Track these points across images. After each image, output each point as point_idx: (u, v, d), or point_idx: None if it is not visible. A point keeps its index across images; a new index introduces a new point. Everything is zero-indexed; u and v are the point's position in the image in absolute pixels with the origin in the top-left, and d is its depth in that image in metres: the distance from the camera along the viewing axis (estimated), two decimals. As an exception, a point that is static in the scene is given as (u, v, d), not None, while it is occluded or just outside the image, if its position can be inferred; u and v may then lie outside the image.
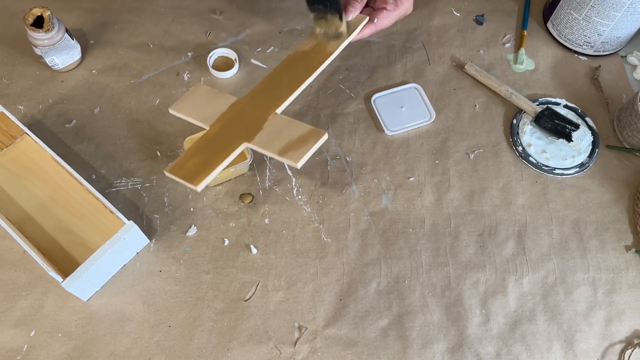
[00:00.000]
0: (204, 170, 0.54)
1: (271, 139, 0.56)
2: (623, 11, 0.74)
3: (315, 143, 0.55)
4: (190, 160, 0.55)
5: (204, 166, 0.54)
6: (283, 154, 0.54)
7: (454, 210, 0.69)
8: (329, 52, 0.62)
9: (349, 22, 0.63)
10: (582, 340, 0.62)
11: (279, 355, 0.60)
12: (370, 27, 0.65)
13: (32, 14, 0.70)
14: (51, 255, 0.63)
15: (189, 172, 0.54)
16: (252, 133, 0.56)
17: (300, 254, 0.66)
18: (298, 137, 0.55)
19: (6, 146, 0.69)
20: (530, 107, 0.76)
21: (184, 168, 0.54)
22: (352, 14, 0.63)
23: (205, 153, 0.55)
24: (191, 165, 0.55)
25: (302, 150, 0.54)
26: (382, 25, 0.65)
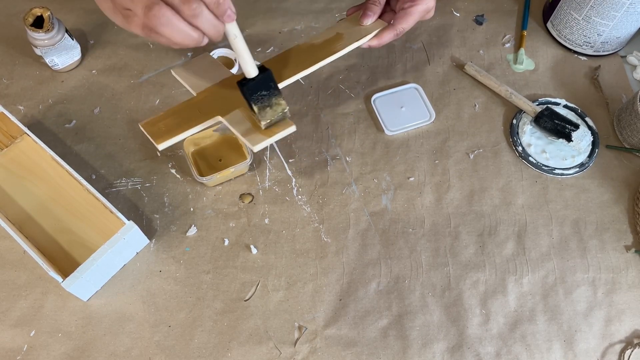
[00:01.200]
0: (170, 131, 0.54)
1: (243, 119, 0.55)
2: (623, 11, 0.74)
3: (280, 132, 0.54)
4: (164, 120, 0.55)
5: (173, 128, 0.54)
6: (246, 135, 0.54)
7: (454, 210, 0.69)
8: (336, 50, 0.60)
9: (366, 27, 0.61)
10: (582, 340, 0.62)
11: (279, 355, 0.60)
12: (388, 30, 0.61)
13: (32, 14, 0.70)
14: (51, 255, 0.63)
15: (158, 131, 0.54)
16: (230, 109, 0.56)
17: (300, 254, 0.66)
18: None
19: (6, 146, 0.69)
20: (530, 107, 0.76)
21: (155, 126, 0.55)
22: (369, 18, 0.61)
23: (180, 117, 0.55)
24: (163, 125, 0.55)
25: (264, 135, 0.54)
26: (403, 26, 0.61)
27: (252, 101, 0.52)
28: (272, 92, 0.53)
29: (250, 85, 0.52)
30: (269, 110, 0.54)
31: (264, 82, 0.52)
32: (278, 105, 0.54)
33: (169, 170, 0.70)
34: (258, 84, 0.52)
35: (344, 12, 0.86)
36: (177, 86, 0.77)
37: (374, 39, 0.61)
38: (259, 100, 0.53)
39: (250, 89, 0.52)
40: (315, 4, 0.86)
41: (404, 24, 0.61)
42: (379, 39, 0.61)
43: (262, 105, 0.53)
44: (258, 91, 0.52)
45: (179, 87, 0.77)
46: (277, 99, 0.54)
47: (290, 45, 0.81)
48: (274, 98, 0.53)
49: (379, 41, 0.61)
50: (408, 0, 0.60)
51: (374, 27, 0.62)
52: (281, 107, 0.54)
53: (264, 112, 0.53)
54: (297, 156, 0.72)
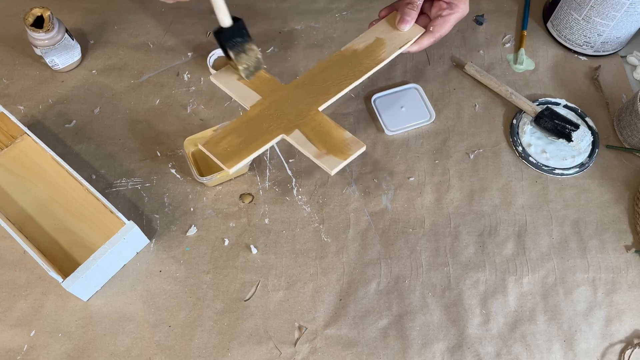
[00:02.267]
0: (238, 153, 0.54)
1: (310, 138, 0.55)
2: (623, 11, 0.74)
3: (354, 154, 0.54)
4: (226, 139, 0.55)
5: (239, 149, 0.54)
6: (319, 157, 0.54)
7: (454, 210, 0.69)
8: (381, 58, 0.61)
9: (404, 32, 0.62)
10: (582, 340, 0.62)
11: (279, 355, 0.60)
12: (428, 36, 0.62)
13: (32, 14, 0.70)
14: (51, 255, 0.63)
15: (223, 152, 0.54)
16: (291, 126, 0.56)
17: (300, 254, 0.66)
18: (337, 143, 0.55)
19: (6, 146, 0.69)
20: (530, 107, 0.76)
21: (218, 146, 0.54)
22: (407, 24, 0.62)
23: (242, 135, 0.55)
24: (226, 144, 0.54)
25: (339, 158, 0.54)
26: (441, 33, 0.63)
27: (228, 47, 0.56)
28: (245, 39, 0.57)
29: (225, 33, 0.56)
30: (244, 56, 0.58)
31: (237, 30, 0.56)
32: (251, 51, 0.58)
33: (169, 170, 0.70)
34: (233, 31, 0.56)
35: (344, 12, 0.86)
36: (177, 86, 0.77)
37: (414, 44, 0.63)
38: (234, 46, 0.57)
39: (226, 36, 0.56)
40: (315, 4, 0.87)
41: (442, 30, 0.63)
42: (419, 45, 0.63)
43: (237, 50, 0.57)
44: (233, 38, 0.56)
45: (179, 87, 0.77)
46: (249, 45, 0.58)
47: (291, 45, 0.82)
48: (246, 44, 0.57)
49: (419, 47, 0.63)
50: (445, 6, 0.62)
51: (412, 32, 0.63)
52: (254, 52, 0.58)
53: (239, 57, 0.57)
54: (297, 156, 0.72)
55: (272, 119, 0.57)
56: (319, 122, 0.56)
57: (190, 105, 0.75)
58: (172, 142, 0.72)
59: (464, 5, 0.63)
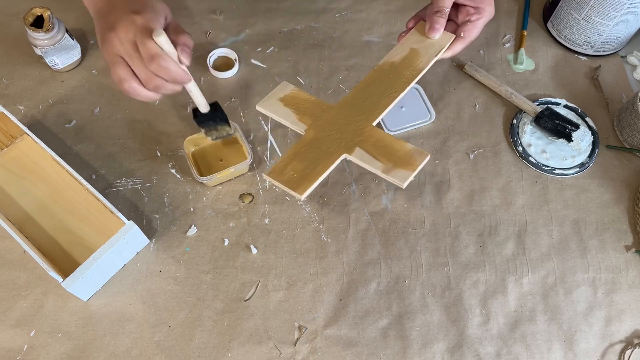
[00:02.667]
0: (306, 179, 0.54)
1: (373, 154, 0.56)
2: (623, 11, 0.74)
3: (421, 164, 0.55)
4: (290, 165, 0.55)
5: (305, 174, 0.54)
6: (388, 172, 0.54)
7: (454, 210, 0.69)
8: (420, 67, 0.62)
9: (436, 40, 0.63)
10: (582, 340, 0.62)
11: (279, 355, 0.60)
12: (460, 42, 0.64)
13: (32, 14, 0.70)
14: (51, 255, 0.63)
15: (291, 179, 0.54)
16: (351, 145, 0.56)
17: (300, 254, 0.66)
18: (402, 156, 0.55)
19: (6, 146, 0.69)
20: (530, 107, 0.76)
21: (284, 173, 0.54)
22: (438, 32, 0.63)
23: (305, 160, 0.55)
24: (291, 170, 0.55)
25: (408, 170, 0.54)
26: (471, 37, 0.64)
27: (201, 127, 0.63)
28: (219, 122, 0.63)
29: (200, 118, 0.62)
30: (214, 132, 0.64)
31: (212, 116, 0.62)
32: (223, 130, 0.64)
33: (169, 170, 0.70)
34: (207, 117, 0.62)
35: (344, 12, 0.86)
36: (177, 86, 0.77)
37: (447, 51, 0.64)
38: (207, 127, 0.63)
39: (201, 120, 0.62)
40: (315, 4, 0.86)
41: (472, 35, 0.64)
42: (452, 51, 0.64)
43: (208, 130, 0.63)
44: (207, 121, 0.62)
45: (179, 87, 0.77)
46: (222, 126, 0.63)
47: (291, 45, 0.82)
48: (219, 126, 0.63)
49: (452, 52, 0.64)
50: (473, 11, 0.64)
51: (443, 39, 0.64)
52: (226, 130, 0.64)
53: (209, 133, 0.64)
54: (297, 156, 0.72)
55: (330, 140, 0.57)
56: (378, 138, 0.57)
57: (190, 105, 0.75)
58: (172, 142, 0.72)
59: (490, 8, 0.64)
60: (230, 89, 0.77)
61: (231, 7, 0.85)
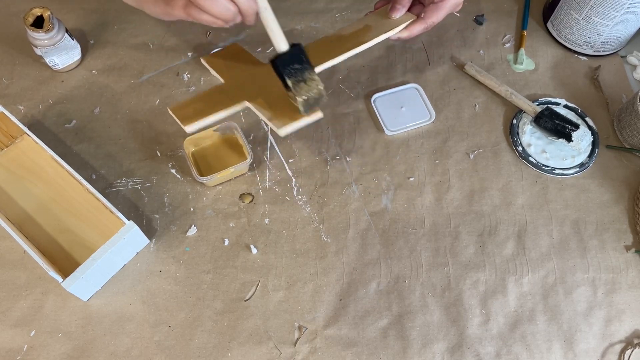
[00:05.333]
0: (198, 115, 0.54)
1: (270, 104, 0.55)
2: (623, 11, 0.74)
3: (306, 118, 0.54)
4: (193, 105, 0.56)
5: (200, 112, 0.55)
6: (271, 119, 0.54)
7: (454, 210, 0.69)
8: (364, 40, 0.60)
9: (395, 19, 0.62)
10: (582, 340, 0.62)
11: (279, 355, 0.60)
12: (419, 23, 0.61)
13: (32, 14, 0.70)
14: (51, 255, 0.63)
15: (186, 114, 0.55)
16: (256, 95, 0.56)
17: (300, 254, 0.66)
18: (295, 108, 0.54)
19: (6, 146, 0.70)
20: (530, 107, 0.76)
21: (183, 110, 0.55)
22: (398, 12, 0.61)
23: (208, 101, 0.56)
24: (191, 109, 0.55)
25: (290, 119, 0.54)
26: (432, 20, 0.61)
27: (285, 75, 0.52)
28: (305, 66, 0.52)
29: (282, 59, 0.51)
30: (304, 86, 0.53)
31: (295, 56, 0.52)
32: (312, 81, 0.53)
33: (169, 170, 0.70)
34: (290, 57, 0.52)
35: (344, 12, 0.86)
36: (177, 86, 0.77)
37: (404, 30, 0.62)
38: (292, 74, 0.52)
39: (283, 62, 0.52)
40: (315, 4, 0.86)
41: (433, 18, 0.61)
42: (409, 31, 0.61)
43: (295, 79, 0.52)
44: (290, 64, 0.52)
45: (179, 87, 0.77)
46: (310, 74, 0.53)
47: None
48: (306, 72, 0.53)
49: (409, 33, 0.62)
50: None
51: (402, 19, 0.62)
52: (315, 82, 0.53)
53: (298, 87, 0.53)
54: (297, 156, 0.72)
55: (242, 90, 0.57)
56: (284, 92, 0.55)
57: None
58: (172, 142, 0.72)
59: None
60: (230, 89, 0.77)
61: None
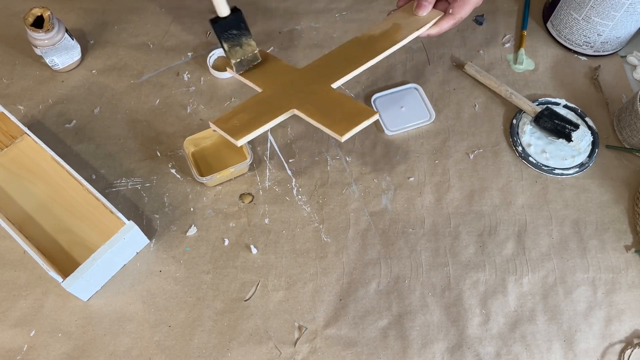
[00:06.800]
0: (247, 127, 0.53)
1: (320, 110, 0.55)
2: (623, 11, 0.74)
3: (365, 121, 0.53)
4: (237, 116, 0.54)
5: (249, 124, 0.53)
6: (329, 126, 0.53)
7: (454, 210, 0.69)
8: (397, 39, 0.60)
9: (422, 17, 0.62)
10: (582, 340, 0.62)
11: (279, 355, 0.60)
12: (448, 19, 0.62)
13: (32, 14, 0.70)
14: (51, 255, 0.63)
15: (233, 127, 0.53)
16: (303, 102, 0.56)
17: (300, 254, 0.66)
18: (348, 112, 0.54)
19: (6, 146, 0.70)
20: (530, 107, 0.76)
21: (228, 122, 0.54)
22: (425, 9, 0.61)
23: (253, 112, 0.55)
24: (236, 120, 0.54)
25: (349, 124, 0.53)
26: (461, 15, 0.62)
27: (222, 39, 0.54)
28: (242, 32, 0.55)
29: (221, 23, 0.54)
30: (239, 50, 0.56)
31: (234, 22, 0.54)
32: (248, 45, 0.56)
33: (169, 170, 0.70)
34: (229, 22, 0.54)
35: (344, 12, 0.86)
36: (177, 86, 0.77)
37: (434, 27, 0.62)
38: (230, 38, 0.55)
39: (222, 27, 0.54)
40: (315, 4, 0.87)
41: (462, 13, 0.62)
42: (439, 27, 0.62)
43: (232, 43, 0.55)
44: (228, 29, 0.54)
45: (179, 87, 0.77)
46: (247, 39, 0.56)
47: (291, 45, 0.82)
48: (243, 38, 0.55)
49: (439, 29, 0.62)
50: None
51: (430, 16, 0.62)
52: (251, 47, 0.57)
53: (233, 51, 0.56)
54: (297, 156, 0.72)
55: (284, 97, 0.56)
56: (332, 97, 0.56)
57: (190, 105, 0.75)
58: (172, 142, 0.72)
59: None
60: (230, 89, 0.77)
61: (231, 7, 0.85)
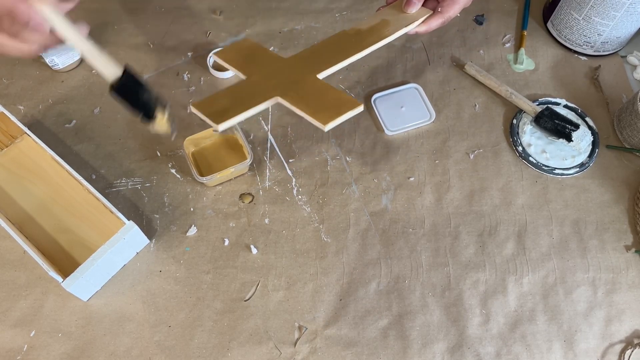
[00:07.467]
0: (228, 112, 0.52)
1: (304, 99, 0.54)
2: (623, 11, 0.74)
3: (349, 111, 0.53)
4: (219, 101, 0.54)
5: (231, 109, 0.53)
6: (313, 114, 0.53)
7: (454, 210, 0.69)
8: (385, 35, 0.60)
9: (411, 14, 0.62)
10: (582, 340, 0.62)
11: (279, 355, 0.60)
12: (436, 17, 0.62)
13: (32, 14, 0.69)
14: (51, 255, 0.63)
15: (215, 112, 0.52)
16: (287, 90, 0.55)
17: (300, 254, 0.66)
18: (333, 102, 0.54)
19: (6, 146, 0.69)
20: (530, 107, 0.76)
21: (210, 107, 0.53)
22: (414, 6, 0.62)
23: (236, 98, 0.54)
24: (218, 105, 0.53)
25: (333, 114, 0.52)
26: (449, 14, 0.62)
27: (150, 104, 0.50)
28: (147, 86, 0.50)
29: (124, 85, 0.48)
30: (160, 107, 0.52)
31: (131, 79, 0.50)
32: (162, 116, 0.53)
33: (169, 170, 0.70)
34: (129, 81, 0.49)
35: (344, 12, 0.86)
36: (177, 86, 0.77)
37: (422, 25, 0.62)
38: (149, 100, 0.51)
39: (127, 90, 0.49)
40: (315, 4, 0.87)
41: (451, 12, 0.62)
42: (427, 26, 0.62)
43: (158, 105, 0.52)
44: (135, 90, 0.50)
45: (179, 87, 0.77)
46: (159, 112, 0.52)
47: (291, 45, 0.82)
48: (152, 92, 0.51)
49: (427, 27, 0.62)
50: None
51: (419, 14, 0.62)
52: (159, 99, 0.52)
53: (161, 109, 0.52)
54: (297, 156, 0.72)
55: (269, 85, 0.56)
56: (317, 86, 0.55)
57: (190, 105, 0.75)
58: (172, 142, 0.72)
59: None
60: (230, 89, 0.77)
61: (231, 7, 0.85)
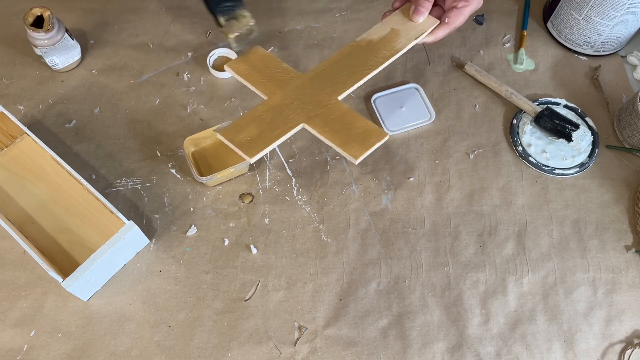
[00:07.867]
0: (259, 142, 0.52)
1: (331, 127, 0.54)
2: (623, 11, 0.74)
3: (377, 143, 0.54)
4: (246, 128, 0.54)
5: (259, 138, 0.53)
6: (343, 146, 0.53)
7: (454, 210, 0.69)
8: (397, 49, 0.60)
9: (419, 23, 0.62)
10: (582, 340, 0.62)
11: (279, 355, 0.60)
12: (443, 27, 0.63)
13: (32, 14, 0.70)
14: (51, 255, 0.63)
15: (244, 142, 0.52)
16: (312, 115, 0.55)
17: (300, 254, 0.66)
18: (359, 132, 0.54)
19: (6, 146, 0.69)
20: (530, 107, 0.76)
21: (238, 136, 0.53)
22: (422, 15, 0.62)
23: (262, 124, 0.54)
24: (246, 134, 0.53)
25: (363, 147, 0.53)
26: (455, 24, 0.63)
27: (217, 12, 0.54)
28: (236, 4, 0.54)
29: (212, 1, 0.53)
30: (235, 23, 0.55)
31: None
32: (243, 18, 0.56)
33: (169, 170, 0.70)
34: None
35: (344, 12, 0.86)
36: (177, 86, 0.77)
37: (429, 35, 0.63)
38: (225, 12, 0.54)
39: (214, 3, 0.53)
40: (315, 4, 0.86)
41: (457, 22, 0.63)
42: (434, 36, 0.63)
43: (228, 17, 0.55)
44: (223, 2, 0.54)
45: (179, 87, 0.77)
46: (241, 11, 0.56)
47: (291, 45, 0.82)
48: (237, 10, 0.55)
49: (434, 37, 0.63)
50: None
51: (427, 23, 0.63)
52: (246, 19, 0.56)
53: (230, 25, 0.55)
54: (297, 156, 0.72)
55: (291, 109, 0.56)
56: (341, 112, 0.56)
57: (190, 105, 0.75)
58: (172, 142, 0.72)
59: None
60: (230, 89, 0.77)
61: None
